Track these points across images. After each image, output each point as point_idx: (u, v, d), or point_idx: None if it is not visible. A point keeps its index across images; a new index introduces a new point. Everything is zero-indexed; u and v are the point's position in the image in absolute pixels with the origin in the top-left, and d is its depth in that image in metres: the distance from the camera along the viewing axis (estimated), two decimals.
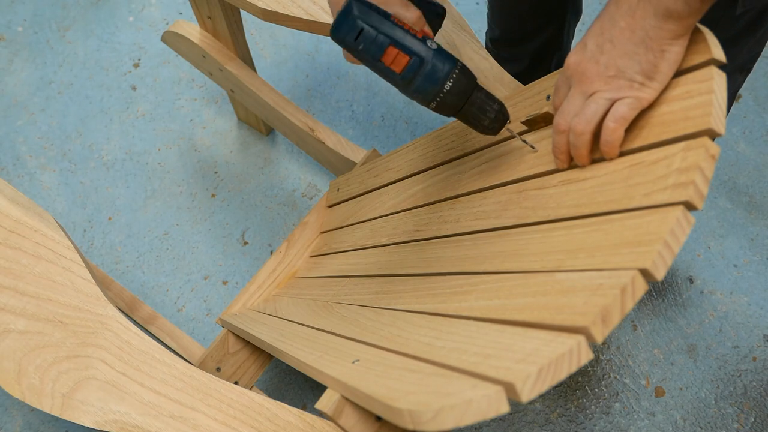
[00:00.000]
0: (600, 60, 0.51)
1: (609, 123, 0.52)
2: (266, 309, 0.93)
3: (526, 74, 1.08)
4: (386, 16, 0.57)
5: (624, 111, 0.51)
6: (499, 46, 1.07)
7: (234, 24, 1.08)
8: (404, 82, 0.57)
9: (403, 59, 0.56)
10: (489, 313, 0.50)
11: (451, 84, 0.57)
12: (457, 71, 0.57)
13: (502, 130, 0.62)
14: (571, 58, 0.54)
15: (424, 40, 0.57)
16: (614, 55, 0.50)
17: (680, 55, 0.49)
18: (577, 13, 1.04)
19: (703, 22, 0.49)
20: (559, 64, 1.12)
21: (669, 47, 0.49)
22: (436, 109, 0.59)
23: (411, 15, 0.60)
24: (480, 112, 0.60)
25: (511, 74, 0.83)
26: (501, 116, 0.61)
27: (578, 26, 1.45)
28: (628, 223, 0.46)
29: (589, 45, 0.52)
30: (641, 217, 0.45)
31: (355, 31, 0.56)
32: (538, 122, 0.64)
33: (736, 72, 0.78)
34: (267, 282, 1.02)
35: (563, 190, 0.57)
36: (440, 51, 0.57)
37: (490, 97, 0.60)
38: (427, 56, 0.56)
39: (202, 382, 0.63)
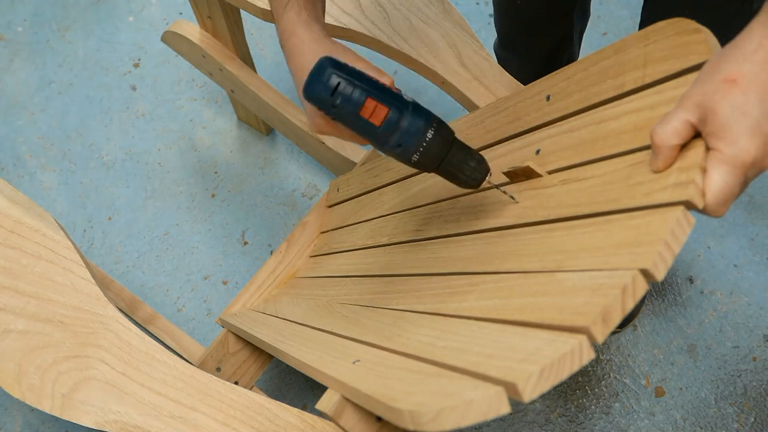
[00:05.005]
0: None
1: None
2: (266, 309, 0.93)
3: (537, 76, 1.06)
4: (361, 73, 0.56)
5: None
6: (506, 44, 1.05)
7: (234, 24, 1.08)
8: (384, 135, 0.56)
9: (382, 111, 0.55)
10: (490, 313, 0.50)
11: (432, 134, 0.56)
12: (435, 124, 0.56)
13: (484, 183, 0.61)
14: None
15: (400, 93, 0.57)
16: None
17: None
18: (585, 14, 1.02)
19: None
20: (570, 61, 1.10)
21: None
22: (417, 164, 0.58)
23: (385, 80, 0.59)
24: (461, 164, 0.59)
25: (519, 74, 0.81)
26: (482, 169, 0.60)
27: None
28: (628, 223, 0.46)
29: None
30: (642, 218, 0.45)
31: (331, 86, 0.54)
32: (519, 175, 0.63)
33: None
34: (267, 282, 1.02)
35: (564, 189, 0.57)
36: (417, 105, 0.57)
37: (469, 150, 0.59)
38: (406, 108, 0.55)
39: (202, 382, 0.63)
